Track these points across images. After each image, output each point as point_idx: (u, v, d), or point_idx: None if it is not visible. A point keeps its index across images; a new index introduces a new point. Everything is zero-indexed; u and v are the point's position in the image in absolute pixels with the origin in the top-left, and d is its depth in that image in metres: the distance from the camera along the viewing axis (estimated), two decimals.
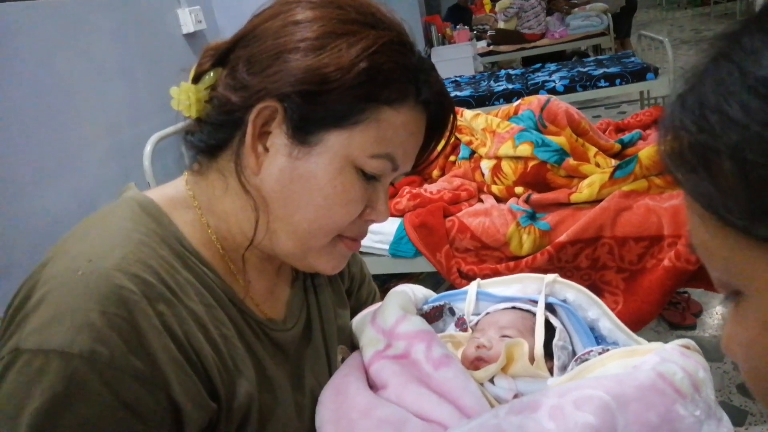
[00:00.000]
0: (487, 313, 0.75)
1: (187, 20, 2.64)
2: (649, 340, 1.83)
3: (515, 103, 2.05)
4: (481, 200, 1.93)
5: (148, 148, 2.17)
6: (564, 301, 0.75)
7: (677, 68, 3.61)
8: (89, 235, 0.54)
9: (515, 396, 0.63)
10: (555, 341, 0.69)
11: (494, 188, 1.90)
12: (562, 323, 0.73)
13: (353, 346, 0.74)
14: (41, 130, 1.92)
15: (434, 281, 2.62)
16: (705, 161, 0.30)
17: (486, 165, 1.92)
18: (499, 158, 1.89)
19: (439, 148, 0.66)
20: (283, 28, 0.56)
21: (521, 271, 1.71)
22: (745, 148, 0.28)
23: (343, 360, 0.70)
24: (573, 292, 0.75)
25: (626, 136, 2.05)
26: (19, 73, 1.85)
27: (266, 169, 0.57)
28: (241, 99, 0.55)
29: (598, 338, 0.73)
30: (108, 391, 0.47)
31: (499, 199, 1.89)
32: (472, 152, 2.02)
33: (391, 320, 0.66)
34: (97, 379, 0.46)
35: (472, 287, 0.79)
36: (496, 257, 1.78)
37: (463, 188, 1.94)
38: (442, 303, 0.78)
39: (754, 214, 0.28)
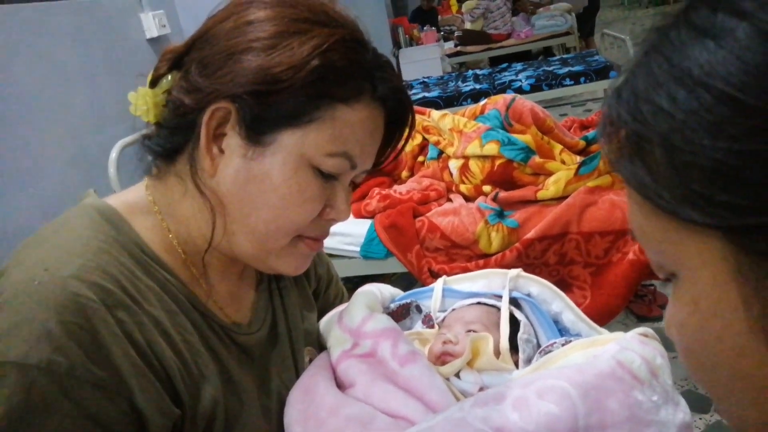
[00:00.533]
0: (453, 309, 0.76)
1: (151, 25, 2.61)
2: (617, 332, 1.86)
3: (481, 103, 2.08)
4: (450, 200, 1.95)
5: (114, 154, 2.13)
6: (528, 295, 0.76)
7: None
8: (46, 244, 0.54)
9: (481, 389, 0.64)
10: (520, 334, 0.70)
11: (462, 187, 1.92)
12: (527, 317, 0.74)
13: (321, 347, 0.74)
14: (1, 136, 1.88)
15: (406, 282, 2.63)
16: (639, 150, 0.31)
17: (454, 165, 1.94)
18: (466, 158, 1.91)
19: (400, 145, 0.66)
20: (235, 29, 0.56)
21: (491, 267, 1.73)
22: (672, 136, 0.29)
23: (310, 361, 0.71)
24: (537, 286, 0.76)
25: (590, 133, 2.09)
26: None
27: (221, 171, 0.57)
28: (193, 101, 0.55)
29: (562, 330, 0.75)
30: (69, 401, 0.47)
31: (468, 198, 1.91)
32: (440, 152, 2.04)
33: (357, 319, 0.67)
34: (57, 390, 0.46)
35: (438, 284, 0.80)
36: (466, 256, 1.80)
37: (432, 188, 1.95)
38: (408, 301, 0.79)
39: (681, 198, 0.30)
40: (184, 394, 0.55)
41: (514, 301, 0.75)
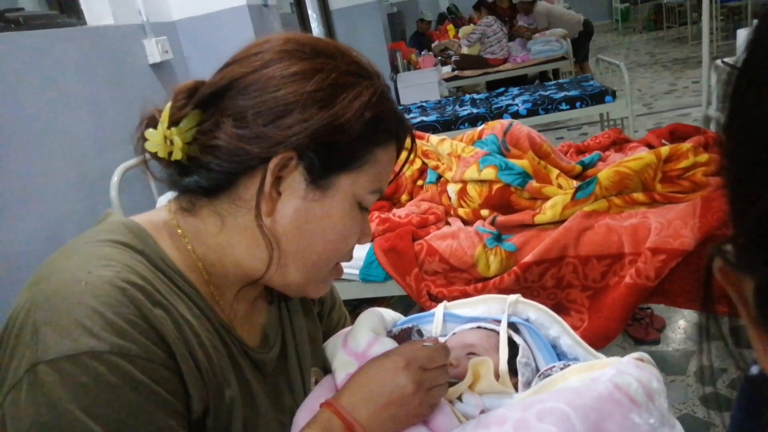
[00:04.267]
0: (454, 333, 0.78)
1: (154, 51, 2.65)
2: (615, 356, 1.88)
3: (479, 128, 2.11)
4: (448, 223, 1.97)
5: (115, 178, 2.16)
6: (527, 320, 0.78)
7: (634, 90, 3.75)
8: (80, 253, 0.56)
9: (482, 412, 0.65)
10: (519, 358, 0.72)
11: (461, 211, 1.94)
12: (525, 341, 0.76)
13: (326, 369, 0.76)
14: (5, 161, 1.90)
15: (405, 305, 2.64)
16: None
17: (452, 189, 1.97)
18: (464, 182, 1.94)
19: (405, 171, 0.70)
20: (283, 78, 0.59)
21: (489, 292, 1.75)
22: None
23: (316, 382, 0.72)
24: (534, 311, 0.78)
25: (586, 158, 2.13)
26: None
27: (279, 212, 0.61)
28: (259, 150, 0.58)
29: (560, 354, 0.76)
30: (147, 378, 0.51)
31: (466, 222, 1.94)
32: (439, 176, 2.07)
33: (362, 343, 0.69)
34: (135, 369, 0.50)
35: (439, 309, 0.82)
36: (464, 279, 1.81)
37: (430, 212, 1.98)
38: (410, 325, 0.80)
39: None
40: (210, 390, 0.58)
41: (512, 326, 0.77)
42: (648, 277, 1.60)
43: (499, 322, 0.77)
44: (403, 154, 0.70)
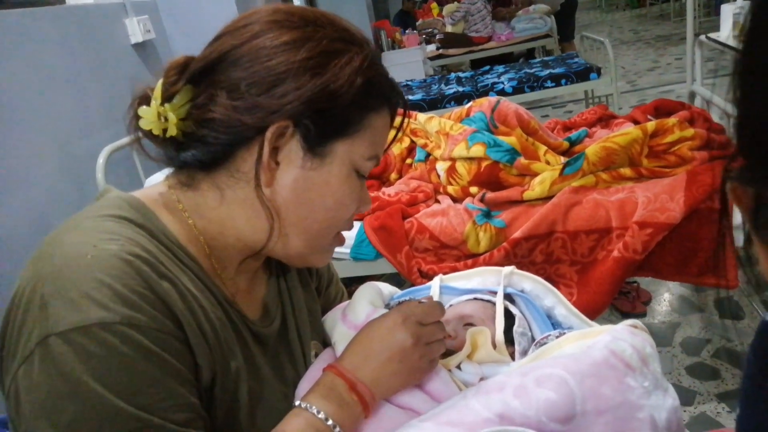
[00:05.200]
0: (450, 306, 0.79)
1: (135, 30, 2.61)
2: (607, 325, 1.91)
3: (467, 106, 2.11)
4: (438, 201, 1.98)
5: (101, 160, 2.14)
6: (522, 291, 0.79)
7: (618, 68, 3.77)
8: (82, 227, 0.56)
9: (481, 379, 0.67)
10: (515, 328, 0.73)
11: (450, 189, 1.95)
12: (521, 311, 0.77)
13: (325, 342, 0.77)
14: None
15: (395, 282, 2.66)
16: None
17: (441, 166, 1.98)
18: (453, 159, 1.94)
19: (391, 136, 0.71)
20: (274, 48, 0.59)
21: (480, 266, 1.77)
22: None
23: (316, 355, 0.73)
24: (530, 282, 0.79)
25: (573, 134, 2.14)
26: None
27: (278, 181, 0.61)
28: (255, 120, 0.58)
29: (555, 324, 0.78)
30: (157, 347, 0.52)
31: (455, 199, 1.95)
32: (428, 154, 2.07)
33: (362, 315, 0.70)
34: (145, 338, 0.51)
35: (435, 282, 0.83)
36: (454, 256, 1.83)
37: (420, 190, 1.98)
38: (407, 298, 0.81)
39: None
40: (217, 360, 0.59)
41: (508, 297, 0.78)
42: (635, 250, 1.62)
43: (494, 293, 0.78)
44: (398, 120, 0.70)
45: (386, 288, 0.82)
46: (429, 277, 1.89)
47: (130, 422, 0.49)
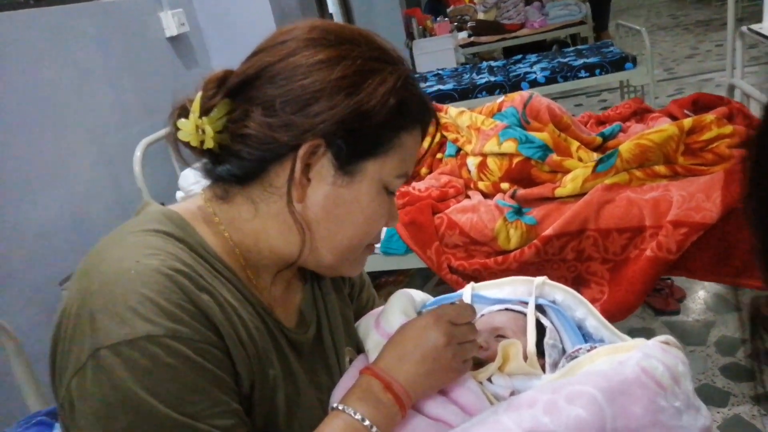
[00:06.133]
0: (482, 315, 0.79)
1: (170, 23, 2.64)
2: (635, 326, 1.89)
3: (498, 100, 2.09)
4: (468, 196, 1.98)
5: (138, 153, 2.18)
6: (553, 301, 0.79)
7: (655, 55, 3.68)
8: (125, 242, 0.59)
9: (512, 393, 0.67)
10: (546, 340, 0.74)
11: (481, 184, 1.95)
12: (552, 323, 0.77)
13: (359, 348, 0.78)
14: (30, 139, 1.93)
15: (424, 275, 2.67)
16: None
17: (472, 162, 1.97)
18: (484, 155, 1.93)
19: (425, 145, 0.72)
20: (309, 67, 0.60)
21: (510, 264, 1.76)
22: None
23: (350, 361, 0.75)
24: (561, 293, 0.79)
25: (607, 129, 2.11)
26: (6, 84, 1.86)
27: (310, 197, 0.63)
28: (288, 138, 0.60)
29: (585, 336, 0.78)
30: (200, 357, 0.54)
31: (486, 195, 1.94)
32: (458, 149, 2.07)
33: (395, 325, 0.71)
34: (189, 350, 0.53)
35: (467, 291, 0.84)
36: (484, 252, 1.83)
37: (450, 185, 1.98)
38: (438, 307, 0.82)
39: None
40: (255, 369, 0.61)
41: (539, 308, 0.79)
42: (669, 250, 1.60)
43: (526, 304, 0.78)
44: (427, 140, 0.71)
45: (418, 295, 0.83)
46: (458, 272, 1.90)
47: (179, 429, 0.52)
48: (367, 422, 0.60)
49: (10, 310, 1.74)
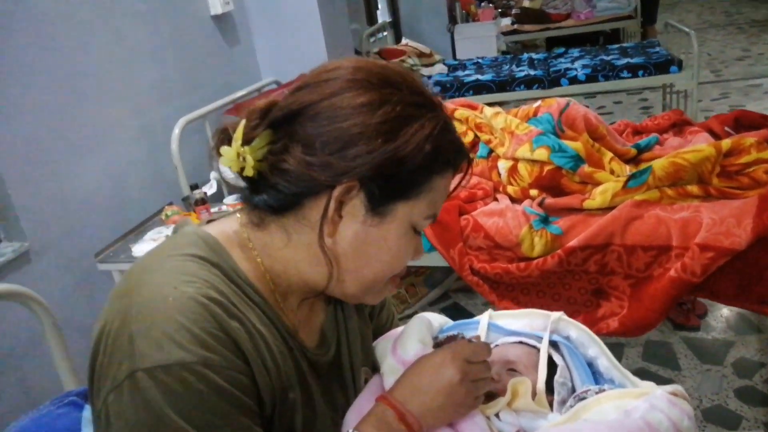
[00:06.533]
0: (496, 345, 0.82)
1: (216, 1, 2.67)
2: (653, 339, 1.88)
3: (535, 105, 2.08)
4: (496, 199, 1.99)
5: (176, 131, 2.24)
6: (567, 337, 0.82)
7: (702, 54, 3.57)
8: (165, 267, 0.63)
9: (518, 431, 0.70)
10: (556, 377, 0.76)
11: (510, 189, 1.95)
12: (564, 359, 0.80)
13: (374, 367, 0.82)
14: (75, 111, 1.99)
15: (445, 269, 2.69)
16: None
17: (503, 165, 1.97)
18: (516, 160, 1.94)
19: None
20: (352, 109, 0.62)
21: (531, 271, 1.78)
22: None
23: (366, 381, 0.78)
24: (575, 330, 0.81)
25: (643, 141, 2.09)
26: (56, 58, 1.92)
27: (340, 233, 0.66)
28: (325, 177, 0.62)
29: (596, 374, 0.80)
30: (229, 385, 0.58)
31: (514, 200, 1.95)
32: (490, 151, 2.07)
33: (411, 352, 0.74)
34: (220, 378, 0.57)
35: (484, 318, 0.86)
36: (507, 257, 1.84)
37: (479, 187, 1.99)
38: (455, 333, 0.85)
39: None
40: (277, 392, 0.65)
41: (553, 344, 0.81)
42: (693, 273, 1.59)
43: (539, 338, 0.80)
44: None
45: (436, 320, 0.86)
46: (480, 275, 1.92)
47: None
48: None
49: (46, 279, 1.83)
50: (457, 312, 2.63)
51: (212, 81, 2.69)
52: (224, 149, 0.65)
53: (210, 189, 2.11)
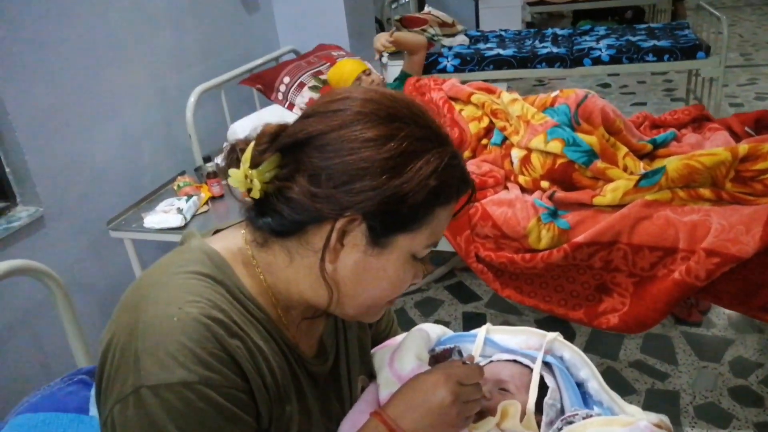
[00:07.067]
0: (491, 361, 0.84)
1: None
2: (653, 332, 1.89)
3: (553, 94, 2.05)
4: (506, 188, 1.99)
5: (192, 99, 2.24)
6: (561, 357, 0.84)
7: (734, 37, 3.47)
8: (171, 284, 0.65)
9: None
10: (546, 399, 0.78)
11: (521, 179, 1.95)
12: (555, 380, 0.82)
13: (371, 375, 0.85)
14: (92, 78, 2.00)
15: (444, 257, 2.72)
16: None
17: (516, 154, 1.97)
18: (529, 150, 1.93)
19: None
20: (358, 143, 0.63)
21: (536, 263, 1.79)
22: None
23: (362, 389, 0.81)
24: (569, 352, 0.83)
25: (660, 136, 2.06)
26: (74, 24, 1.91)
27: (341, 261, 0.67)
28: (329, 210, 0.64)
29: (585, 395, 0.82)
30: (229, 404, 0.61)
31: (525, 190, 1.95)
32: (505, 138, 2.06)
33: (407, 368, 0.77)
34: (220, 396, 0.60)
35: (481, 333, 0.88)
36: (514, 247, 1.85)
37: (490, 174, 1.99)
38: (452, 346, 0.87)
39: None
40: (274, 406, 0.68)
41: (545, 364, 0.83)
42: (698, 277, 1.60)
43: (534, 358, 0.82)
44: (475, 125, 0.73)
45: (434, 332, 0.88)
46: (485, 263, 1.94)
47: None
48: None
49: (59, 244, 1.87)
50: (461, 291, 2.66)
51: (230, 49, 2.67)
52: (232, 171, 0.67)
53: (222, 160, 2.12)
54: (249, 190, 0.67)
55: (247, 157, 0.66)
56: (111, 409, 0.60)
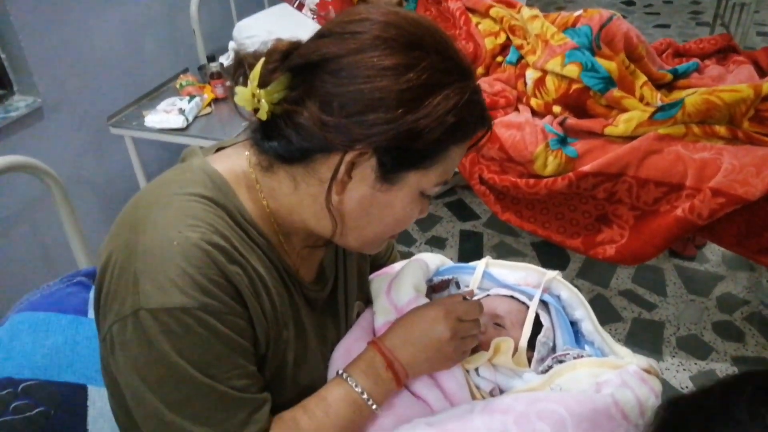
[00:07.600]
0: (488, 295, 0.84)
1: None
2: (647, 265, 1.90)
3: (576, 14, 1.95)
4: (517, 109, 1.94)
5: None
6: (558, 296, 0.84)
7: None
8: (171, 206, 0.63)
9: (493, 388, 0.75)
10: (539, 336, 0.79)
11: (533, 101, 1.89)
12: (550, 318, 0.83)
13: (367, 300, 0.85)
14: None
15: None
16: None
17: (531, 75, 1.90)
18: (545, 72, 1.86)
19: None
20: (375, 70, 0.59)
21: (540, 189, 1.78)
22: None
23: (358, 314, 0.82)
24: (566, 291, 0.83)
25: (681, 66, 1.98)
26: None
27: (348, 193, 0.65)
28: (339, 140, 0.60)
29: (578, 334, 0.83)
30: (226, 328, 0.61)
31: (536, 113, 1.89)
32: (521, 57, 1.98)
33: (404, 299, 0.77)
34: (217, 321, 0.60)
35: (480, 265, 0.88)
36: (518, 171, 1.83)
37: (502, 94, 1.93)
38: (450, 277, 0.87)
39: None
40: (272, 333, 0.69)
41: (542, 302, 0.83)
42: (700, 215, 1.59)
43: (531, 295, 0.83)
44: (491, 40, 0.70)
45: (433, 262, 0.88)
46: (488, 185, 1.92)
47: (202, 387, 0.60)
48: (365, 395, 0.69)
49: (58, 137, 1.83)
50: (460, 209, 2.66)
51: None
52: (239, 89, 0.63)
53: (227, 60, 2.05)
54: (256, 111, 0.64)
55: (255, 74, 0.62)
56: (110, 326, 0.60)
